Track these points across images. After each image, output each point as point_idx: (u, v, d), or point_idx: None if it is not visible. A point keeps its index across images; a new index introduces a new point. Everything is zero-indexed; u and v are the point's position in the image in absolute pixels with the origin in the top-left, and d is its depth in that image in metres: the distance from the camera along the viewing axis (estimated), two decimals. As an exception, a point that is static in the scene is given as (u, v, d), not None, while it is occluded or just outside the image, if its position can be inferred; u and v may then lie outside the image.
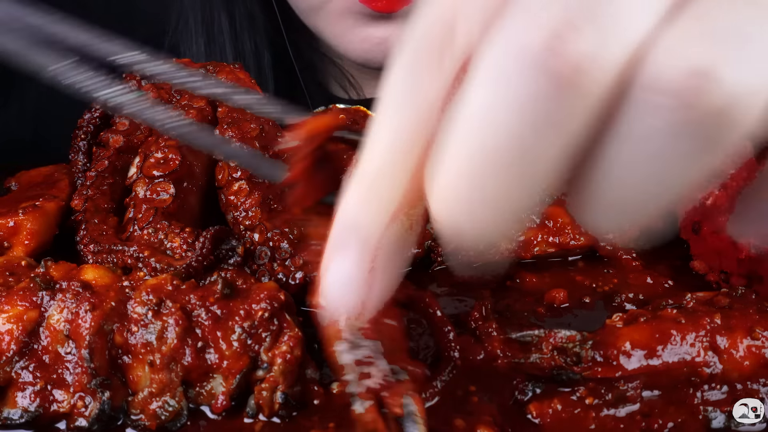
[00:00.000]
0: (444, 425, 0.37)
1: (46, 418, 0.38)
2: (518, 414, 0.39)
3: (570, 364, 0.39)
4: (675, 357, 0.38)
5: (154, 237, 0.48)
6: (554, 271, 0.53)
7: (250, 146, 0.56)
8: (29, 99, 0.96)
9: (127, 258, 0.46)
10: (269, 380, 0.39)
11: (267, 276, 0.47)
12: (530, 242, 0.53)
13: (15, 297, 0.39)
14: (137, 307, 0.39)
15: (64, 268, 0.42)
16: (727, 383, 0.39)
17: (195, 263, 0.42)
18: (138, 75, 0.65)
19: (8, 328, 0.38)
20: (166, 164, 0.53)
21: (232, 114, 0.59)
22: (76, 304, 0.39)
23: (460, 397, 0.40)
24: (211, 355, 0.39)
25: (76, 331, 0.38)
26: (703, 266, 0.52)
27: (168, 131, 0.31)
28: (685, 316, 0.40)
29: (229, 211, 0.53)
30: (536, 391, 0.39)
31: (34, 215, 0.51)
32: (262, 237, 0.49)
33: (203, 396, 0.39)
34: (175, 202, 0.52)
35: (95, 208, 0.52)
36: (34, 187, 0.57)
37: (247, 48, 0.89)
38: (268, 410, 0.39)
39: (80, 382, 0.38)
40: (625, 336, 0.39)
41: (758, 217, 0.24)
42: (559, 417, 0.38)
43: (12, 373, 0.38)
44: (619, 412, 0.38)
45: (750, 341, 0.39)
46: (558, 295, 0.49)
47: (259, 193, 0.52)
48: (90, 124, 0.61)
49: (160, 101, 0.62)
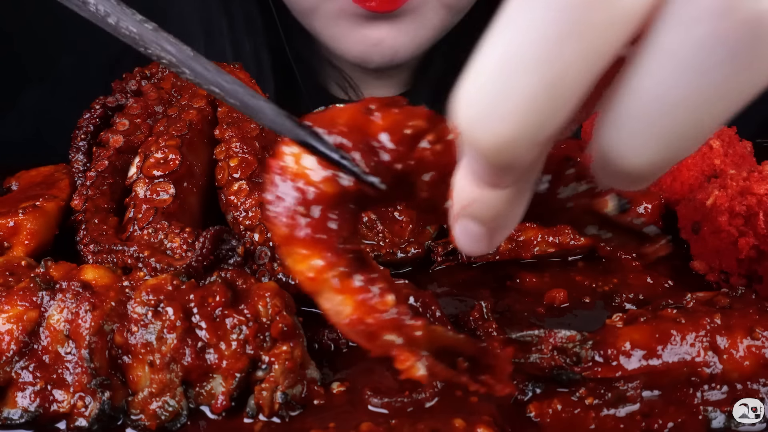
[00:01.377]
0: (444, 425, 0.37)
1: (46, 418, 0.38)
2: (518, 414, 0.39)
3: (570, 364, 0.39)
4: (675, 357, 0.38)
5: (154, 237, 0.48)
6: (554, 271, 0.53)
7: (250, 146, 0.56)
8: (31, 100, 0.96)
9: (127, 258, 0.46)
10: (269, 380, 0.39)
11: (267, 276, 0.47)
12: (530, 242, 0.53)
13: (15, 297, 0.39)
14: (137, 307, 0.39)
15: (64, 268, 0.42)
16: (727, 383, 0.39)
17: (195, 263, 0.42)
18: (138, 76, 0.65)
19: (8, 328, 0.38)
20: (166, 164, 0.53)
21: (232, 114, 0.59)
22: (76, 304, 0.39)
23: (460, 397, 0.40)
24: (210, 355, 0.39)
25: (76, 331, 0.38)
26: (703, 266, 0.52)
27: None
28: (685, 316, 0.40)
29: (229, 211, 0.53)
30: (536, 391, 0.39)
31: (34, 215, 0.51)
32: (262, 237, 0.49)
33: (203, 396, 0.39)
34: (175, 202, 0.52)
35: (95, 208, 0.52)
36: (34, 187, 0.57)
37: (246, 49, 0.89)
38: (268, 410, 0.39)
39: (80, 382, 0.38)
40: (625, 336, 0.39)
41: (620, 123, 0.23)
42: (559, 417, 0.38)
43: (12, 373, 0.38)
44: (619, 412, 0.38)
45: (750, 341, 0.39)
46: (558, 295, 0.49)
47: (259, 193, 0.52)
48: (90, 124, 0.61)
49: (160, 101, 0.62)
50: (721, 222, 0.49)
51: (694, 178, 0.57)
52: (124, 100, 0.62)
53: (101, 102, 0.62)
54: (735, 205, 0.49)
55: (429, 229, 0.55)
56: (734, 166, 0.56)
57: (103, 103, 0.62)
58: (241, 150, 0.55)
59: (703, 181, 0.56)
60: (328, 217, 0.30)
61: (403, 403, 0.39)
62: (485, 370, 0.32)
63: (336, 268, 0.30)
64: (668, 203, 0.58)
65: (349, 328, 0.31)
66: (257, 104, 0.29)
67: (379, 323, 0.31)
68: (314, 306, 0.48)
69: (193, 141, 0.56)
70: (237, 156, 0.55)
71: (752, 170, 0.51)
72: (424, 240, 0.54)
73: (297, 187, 0.30)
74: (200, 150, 0.57)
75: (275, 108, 0.29)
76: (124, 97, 0.63)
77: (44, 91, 0.97)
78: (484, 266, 0.53)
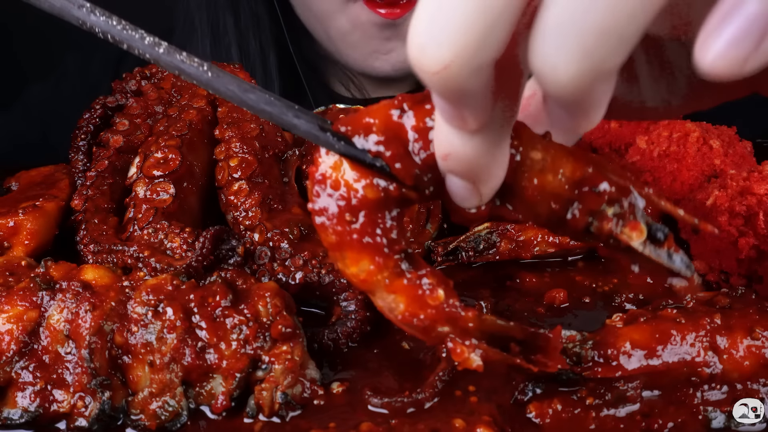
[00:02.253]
0: (444, 425, 0.37)
1: (46, 418, 0.38)
2: (518, 414, 0.39)
3: (570, 364, 0.39)
4: (675, 357, 0.38)
5: (154, 237, 0.48)
6: (554, 271, 0.53)
7: (250, 146, 0.56)
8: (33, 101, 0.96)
9: (127, 258, 0.46)
10: (269, 380, 0.39)
11: (267, 276, 0.47)
12: (530, 242, 0.53)
13: (15, 297, 0.39)
14: (137, 307, 0.39)
15: (64, 268, 0.42)
16: (727, 383, 0.39)
17: (195, 263, 0.42)
18: (138, 76, 0.65)
19: (8, 328, 0.38)
20: (166, 164, 0.53)
21: (232, 114, 0.59)
22: (76, 304, 0.39)
23: (460, 397, 0.40)
24: (211, 355, 0.39)
25: (76, 331, 0.38)
26: (703, 266, 0.52)
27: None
28: (685, 316, 0.40)
29: (229, 211, 0.53)
30: (536, 391, 0.39)
31: (34, 215, 0.51)
32: (262, 237, 0.49)
33: (203, 396, 0.39)
34: (175, 202, 0.52)
35: (95, 208, 0.52)
36: (34, 187, 0.57)
37: (252, 48, 0.89)
38: (268, 410, 0.39)
39: (80, 382, 0.38)
40: (625, 336, 0.39)
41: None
42: (559, 417, 0.38)
43: (12, 373, 0.38)
44: (619, 412, 0.38)
45: (750, 341, 0.39)
46: (558, 295, 0.49)
47: (259, 193, 0.52)
48: (90, 124, 0.61)
49: (160, 101, 0.62)
50: (721, 222, 0.49)
51: (694, 178, 0.57)
52: (124, 100, 0.62)
53: (101, 102, 0.62)
54: (735, 205, 0.49)
55: (429, 229, 0.55)
56: (734, 166, 0.56)
57: (103, 103, 0.62)
58: (241, 150, 0.55)
59: (703, 181, 0.56)
60: (373, 222, 0.31)
61: (403, 403, 0.39)
62: (536, 351, 0.34)
63: (386, 269, 0.31)
64: (668, 203, 0.58)
65: (404, 322, 0.32)
66: (290, 121, 0.29)
67: (431, 317, 0.32)
68: (314, 306, 0.49)
69: (193, 141, 0.56)
70: (237, 156, 0.55)
71: (752, 170, 0.51)
72: (424, 240, 0.54)
73: (339, 195, 0.30)
74: (200, 150, 0.57)
75: (308, 120, 0.29)
76: (124, 97, 0.63)
77: (46, 90, 0.97)
78: (484, 266, 0.53)
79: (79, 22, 0.30)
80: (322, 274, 0.46)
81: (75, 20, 0.30)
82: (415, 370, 0.42)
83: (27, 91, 0.97)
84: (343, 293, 0.45)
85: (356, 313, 0.44)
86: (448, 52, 0.23)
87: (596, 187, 0.29)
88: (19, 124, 0.95)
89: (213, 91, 0.29)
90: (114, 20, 0.29)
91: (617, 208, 0.29)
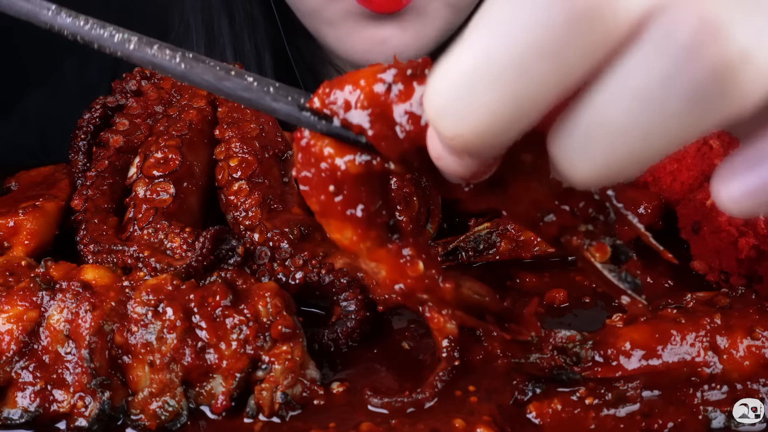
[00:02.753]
0: (444, 425, 0.37)
1: (46, 418, 0.38)
2: (518, 414, 0.39)
3: (570, 364, 0.39)
4: (675, 357, 0.38)
5: (154, 237, 0.48)
6: (554, 271, 0.53)
7: (250, 146, 0.56)
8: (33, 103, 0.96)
9: (127, 258, 0.46)
10: (269, 380, 0.39)
11: (267, 276, 0.47)
12: (530, 242, 0.53)
13: (15, 297, 0.39)
14: (137, 307, 0.39)
15: (64, 268, 0.42)
16: (727, 383, 0.39)
17: (195, 263, 0.42)
18: (138, 76, 0.65)
19: (8, 328, 0.38)
20: (166, 164, 0.53)
21: (232, 114, 0.59)
22: (76, 304, 0.39)
23: (460, 397, 0.40)
24: (211, 355, 0.39)
25: (76, 331, 0.38)
26: (703, 266, 0.52)
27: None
28: (685, 316, 0.40)
29: (229, 211, 0.53)
30: (536, 391, 0.39)
31: (34, 215, 0.51)
32: (262, 237, 0.49)
33: (203, 396, 0.39)
34: (175, 202, 0.52)
35: (95, 208, 0.52)
36: (34, 187, 0.57)
37: (247, 50, 0.89)
38: (268, 410, 0.39)
39: (80, 382, 0.38)
40: (625, 336, 0.39)
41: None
42: (559, 417, 0.38)
43: (12, 373, 0.38)
44: (619, 412, 0.38)
45: (750, 341, 0.39)
46: (558, 295, 0.49)
47: (259, 193, 0.52)
48: (90, 124, 0.61)
49: (160, 101, 0.62)
50: (721, 222, 0.49)
51: (694, 178, 0.57)
52: (124, 100, 0.62)
53: (101, 102, 0.62)
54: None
55: (429, 229, 0.55)
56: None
57: (103, 103, 0.62)
58: (241, 150, 0.55)
59: (703, 181, 0.56)
60: (356, 195, 0.31)
61: (403, 403, 0.39)
62: (512, 323, 0.37)
63: (368, 239, 0.32)
64: (668, 203, 0.58)
65: (385, 286, 0.34)
66: (269, 105, 0.29)
67: (411, 286, 0.33)
68: (314, 306, 0.49)
69: (193, 141, 0.56)
70: (237, 156, 0.55)
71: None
72: (424, 240, 0.54)
73: (322, 168, 0.30)
74: (200, 150, 0.57)
75: (287, 102, 0.29)
76: (124, 97, 0.63)
77: (46, 93, 0.97)
78: (484, 266, 0.53)
79: (48, 25, 0.29)
80: (322, 274, 0.46)
81: (43, 24, 0.29)
82: (415, 370, 0.42)
83: (29, 92, 0.97)
84: (343, 293, 0.45)
85: (356, 313, 0.44)
86: (468, 129, 0.22)
87: (575, 208, 0.29)
88: (21, 126, 0.95)
89: (189, 83, 0.30)
90: (81, 20, 0.29)
91: (590, 227, 0.29)
